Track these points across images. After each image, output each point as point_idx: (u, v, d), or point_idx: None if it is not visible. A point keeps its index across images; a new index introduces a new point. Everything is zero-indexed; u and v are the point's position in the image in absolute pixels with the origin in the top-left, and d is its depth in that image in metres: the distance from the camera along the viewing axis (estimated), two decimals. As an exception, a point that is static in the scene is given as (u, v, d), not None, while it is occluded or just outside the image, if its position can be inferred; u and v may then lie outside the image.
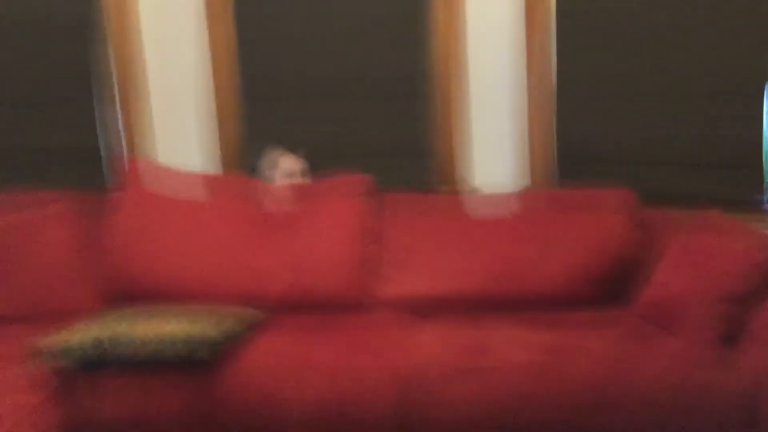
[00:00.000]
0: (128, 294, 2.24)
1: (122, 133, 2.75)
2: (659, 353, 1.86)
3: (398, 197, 2.45)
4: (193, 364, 1.80)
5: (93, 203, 2.43)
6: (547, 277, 2.24)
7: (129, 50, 2.70)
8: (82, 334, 1.80)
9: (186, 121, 2.79)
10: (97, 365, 1.80)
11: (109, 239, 2.33)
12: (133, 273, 2.29)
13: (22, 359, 1.79)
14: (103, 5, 2.67)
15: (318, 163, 2.59)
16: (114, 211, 2.36)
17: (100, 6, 2.66)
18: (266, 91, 2.79)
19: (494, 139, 2.70)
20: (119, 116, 2.74)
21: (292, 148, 2.57)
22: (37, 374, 1.77)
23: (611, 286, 2.25)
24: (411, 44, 2.68)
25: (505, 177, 2.68)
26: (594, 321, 2.10)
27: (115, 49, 2.69)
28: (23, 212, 2.32)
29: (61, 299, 2.20)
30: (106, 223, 2.35)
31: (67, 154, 2.69)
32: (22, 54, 2.60)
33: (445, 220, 2.40)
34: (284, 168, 2.51)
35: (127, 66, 2.71)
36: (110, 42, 2.69)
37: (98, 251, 2.32)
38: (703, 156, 2.52)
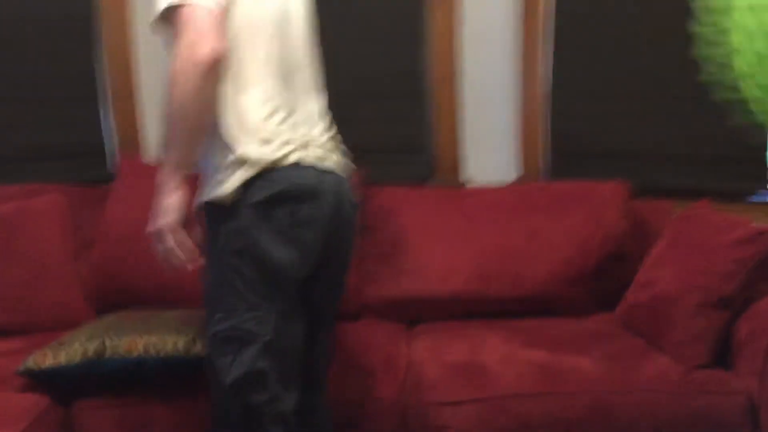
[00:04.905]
0: (117, 290, 2.25)
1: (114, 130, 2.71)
2: (646, 379, 1.85)
3: (388, 191, 2.43)
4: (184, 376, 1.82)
5: (84, 197, 2.42)
6: (536, 279, 2.23)
7: (122, 47, 2.64)
8: (68, 351, 1.77)
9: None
10: (87, 382, 1.81)
11: (100, 234, 2.31)
12: (122, 269, 2.26)
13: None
14: (99, 3, 2.60)
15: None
16: (105, 206, 2.34)
17: (95, 4, 2.60)
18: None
19: (487, 132, 2.67)
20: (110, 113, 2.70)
21: None
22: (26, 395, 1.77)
23: (602, 286, 2.25)
24: (407, 41, 2.64)
25: (498, 169, 2.66)
26: (581, 333, 2.09)
27: (107, 46, 2.64)
28: (11, 204, 2.28)
29: (49, 296, 2.18)
30: (97, 217, 2.33)
31: (62, 150, 2.66)
32: (18, 51, 2.57)
33: (433, 215, 2.38)
34: None
35: (120, 62, 2.66)
36: (103, 38, 2.64)
37: (87, 246, 2.32)
38: (697, 150, 2.52)
